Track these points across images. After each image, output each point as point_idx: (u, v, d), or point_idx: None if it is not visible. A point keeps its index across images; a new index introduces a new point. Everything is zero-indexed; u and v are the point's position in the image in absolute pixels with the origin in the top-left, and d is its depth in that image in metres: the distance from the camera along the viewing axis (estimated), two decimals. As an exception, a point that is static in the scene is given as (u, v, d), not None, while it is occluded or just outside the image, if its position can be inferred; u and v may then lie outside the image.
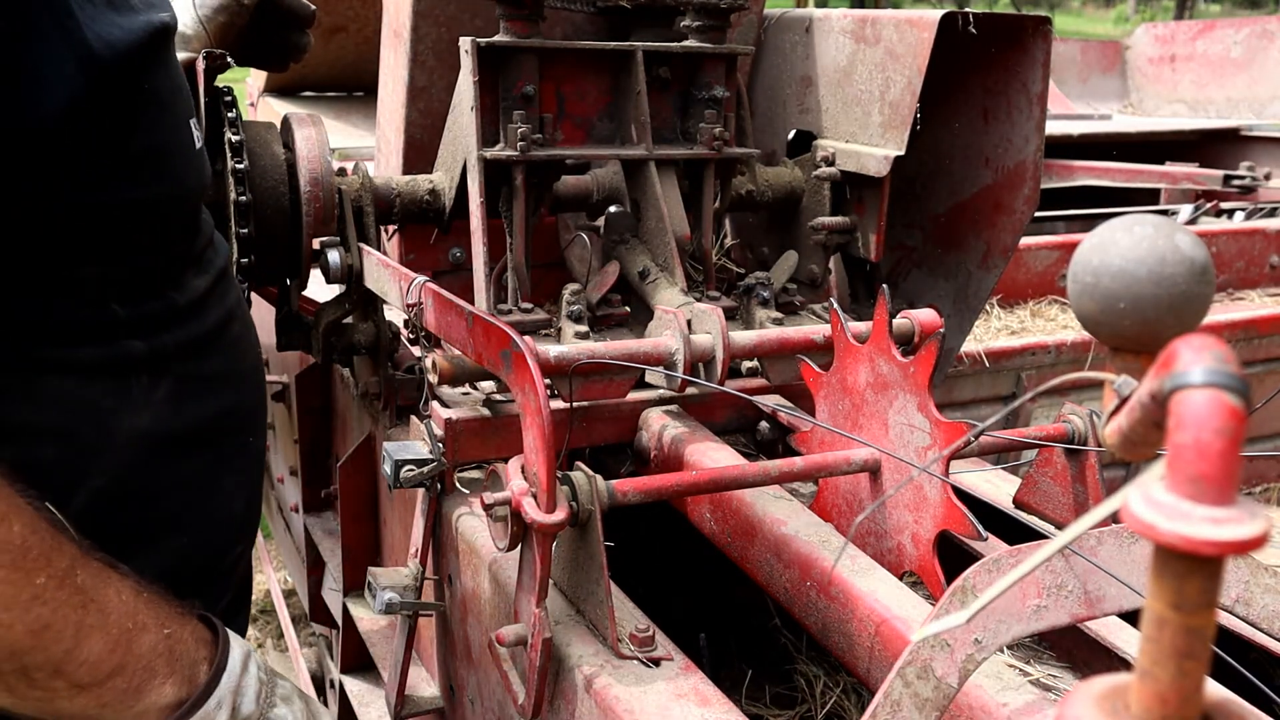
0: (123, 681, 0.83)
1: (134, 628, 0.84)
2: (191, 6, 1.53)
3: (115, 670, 0.83)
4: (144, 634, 0.85)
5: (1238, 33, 5.81)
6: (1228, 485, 0.33)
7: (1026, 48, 1.56)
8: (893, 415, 1.12)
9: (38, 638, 0.77)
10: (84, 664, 0.81)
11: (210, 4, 1.54)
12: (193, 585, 1.05)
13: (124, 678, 0.83)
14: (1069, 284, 0.69)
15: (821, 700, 1.33)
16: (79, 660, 0.80)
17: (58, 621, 0.78)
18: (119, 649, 0.82)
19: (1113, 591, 0.81)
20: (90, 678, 0.81)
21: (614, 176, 1.61)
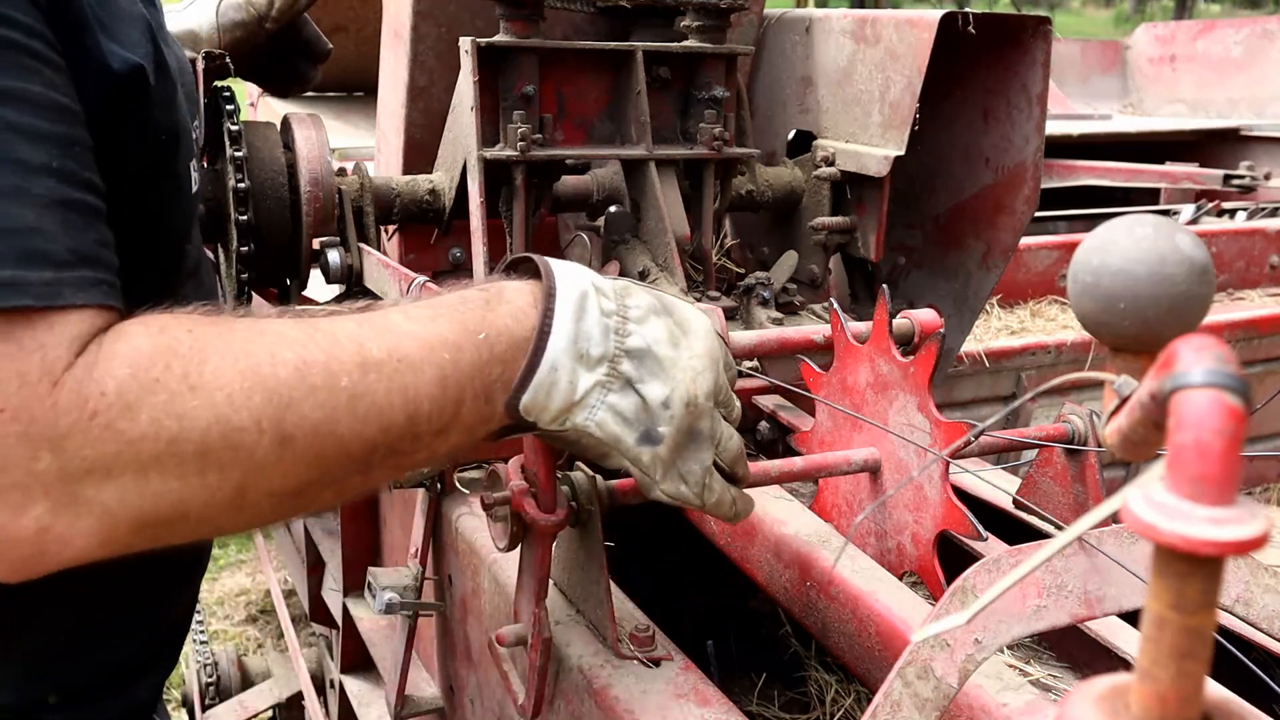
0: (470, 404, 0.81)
1: (450, 355, 0.80)
2: (214, 13, 1.54)
3: (458, 399, 0.80)
4: (461, 354, 0.80)
5: (1238, 33, 5.81)
6: (1228, 485, 0.33)
7: (1026, 48, 1.56)
8: (893, 415, 1.12)
9: (378, 425, 0.76)
10: (429, 415, 0.79)
11: (231, 16, 1.54)
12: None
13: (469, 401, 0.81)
14: (1069, 284, 0.69)
15: (832, 709, 1.33)
16: (424, 415, 0.78)
17: (383, 401, 0.76)
18: (449, 383, 0.79)
19: (1113, 591, 0.81)
20: (441, 420, 0.80)
21: (614, 176, 1.61)
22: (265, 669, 2.79)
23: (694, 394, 0.87)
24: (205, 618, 3.36)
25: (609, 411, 0.85)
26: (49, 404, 0.65)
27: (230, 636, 3.72)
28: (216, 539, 0.98)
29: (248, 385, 0.70)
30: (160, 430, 0.67)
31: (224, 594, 4.01)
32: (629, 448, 0.87)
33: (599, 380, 0.85)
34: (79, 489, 0.66)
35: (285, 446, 0.72)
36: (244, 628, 3.79)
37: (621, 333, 0.86)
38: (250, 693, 2.68)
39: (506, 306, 0.84)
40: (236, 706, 2.63)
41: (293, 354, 0.73)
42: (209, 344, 0.71)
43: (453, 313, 0.82)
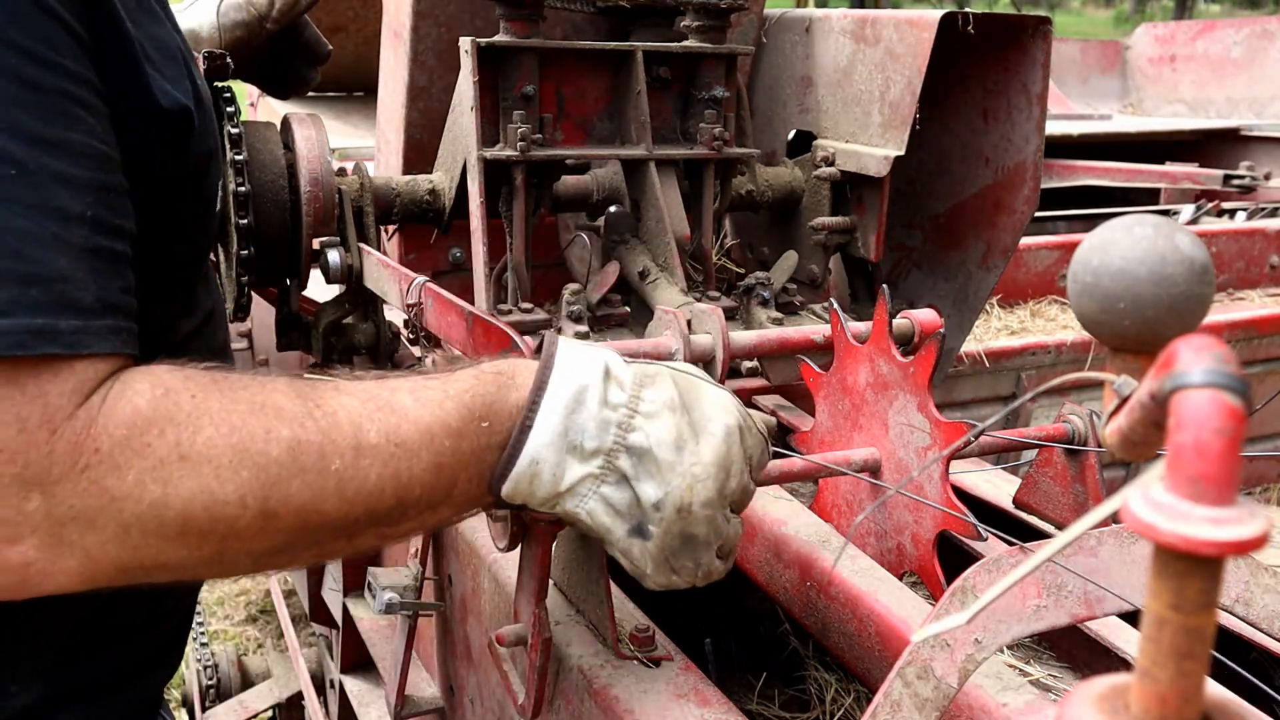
0: (464, 487, 0.83)
1: (450, 443, 0.81)
2: (214, 12, 1.54)
3: (450, 484, 0.82)
4: (461, 442, 0.82)
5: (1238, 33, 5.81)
6: (1228, 485, 0.33)
7: (1026, 48, 1.56)
8: (893, 415, 1.12)
9: (365, 506, 0.78)
10: (419, 499, 0.80)
11: (232, 16, 1.54)
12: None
13: (463, 484, 0.83)
14: (1069, 284, 0.69)
15: (832, 708, 1.33)
16: (414, 499, 0.80)
17: (373, 486, 0.78)
18: (444, 470, 0.81)
19: (1113, 592, 0.81)
20: (432, 500, 0.81)
21: (614, 176, 1.61)
22: (265, 669, 2.79)
23: (688, 501, 0.85)
24: (205, 618, 3.36)
25: (600, 502, 0.86)
26: (45, 451, 0.67)
27: (230, 636, 3.72)
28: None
29: (237, 459, 0.72)
30: (144, 493, 0.70)
31: (224, 594, 4.01)
32: (619, 539, 0.87)
33: (591, 472, 0.85)
34: (64, 532, 0.69)
35: (268, 520, 0.74)
36: (244, 628, 3.79)
37: (625, 427, 0.85)
38: (250, 693, 2.68)
39: (515, 394, 0.85)
40: (236, 706, 2.63)
41: (289, 432, 0.75)
42: (207, 413, 0.73)
43: (462, 396, 0.83)
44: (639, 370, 0.89)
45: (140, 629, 1.04)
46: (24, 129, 0.69)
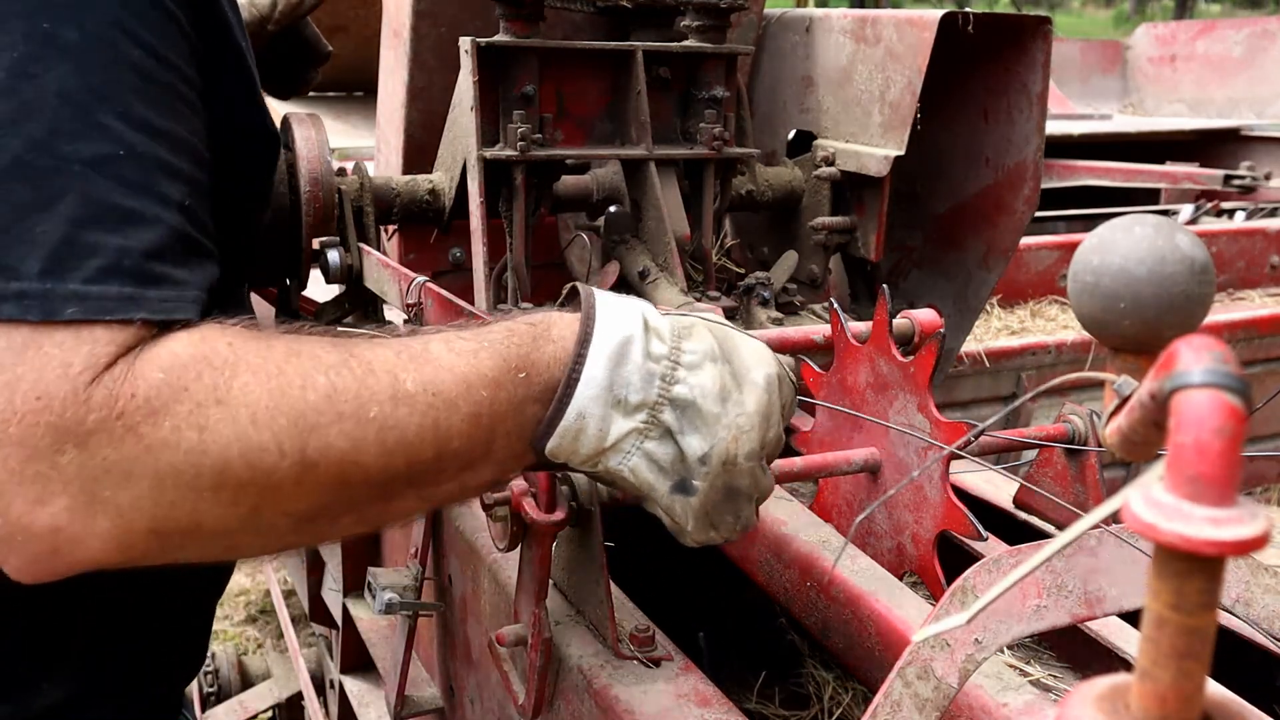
0: (503, 441, 0.81)
1: (487, 393, 0.79)
2: None
3: (489, 438, 0.80)
4: (499, 392, 0.79)
5: (1238, 33, 5.81)
6: (1228, 485, 0.33)
7: (1026, 48, 1.56)
8: (893, 415, 1.12)
9: (405, 458, 0.76)
10: (458, 452, 0.78)
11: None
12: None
13: (502, 439, 0.80)
14: (1069, 284, 0.69)
15: (831, 705, 1.33)
16: (452, 451, 0.78)
17: (413, 435, 0.75)
18: (482, 421, 0.79)
19: (1113, 591, 0.81)
20: (472, 456, 0.79)
21: (614, 176, 1.61)
22: (265, 669, 2.79)
23: (734, 453, 0.84)
24: (205, 618, 3.35)
25: (644, 458, 0.83)
26: (83, 398, 0.66)
27: (230, 636, 3.72)
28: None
29: (274, 405, 0.71)
30: (180, 439, 0.68)
31: (224, 594, 4.01)
32: (661, 495, 0.85)
33: (635, 427, 0.82)
34: (97, 488, 0.67)
35: (306, 471, 0.72)
36: (244, 628, 3.79)
37: (669, 379, 0.83)
38: (250, 693, 2.68)
39: (551, 346, 0.83)
40: (236, 706, 2.63)
41: (325, 379, 0.73)
42: (244, 359, 0.71)
43: (496, 347, 0.81)
44: (675, 321, 0.87)
45: (167, 627, 1.04)
46: (137, 115, 0.72)
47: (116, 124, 0.71)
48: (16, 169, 0.68)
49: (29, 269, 0.66)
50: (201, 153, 0.79)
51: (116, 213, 0.70)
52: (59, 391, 0.65)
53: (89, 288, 0.67)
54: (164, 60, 0.75)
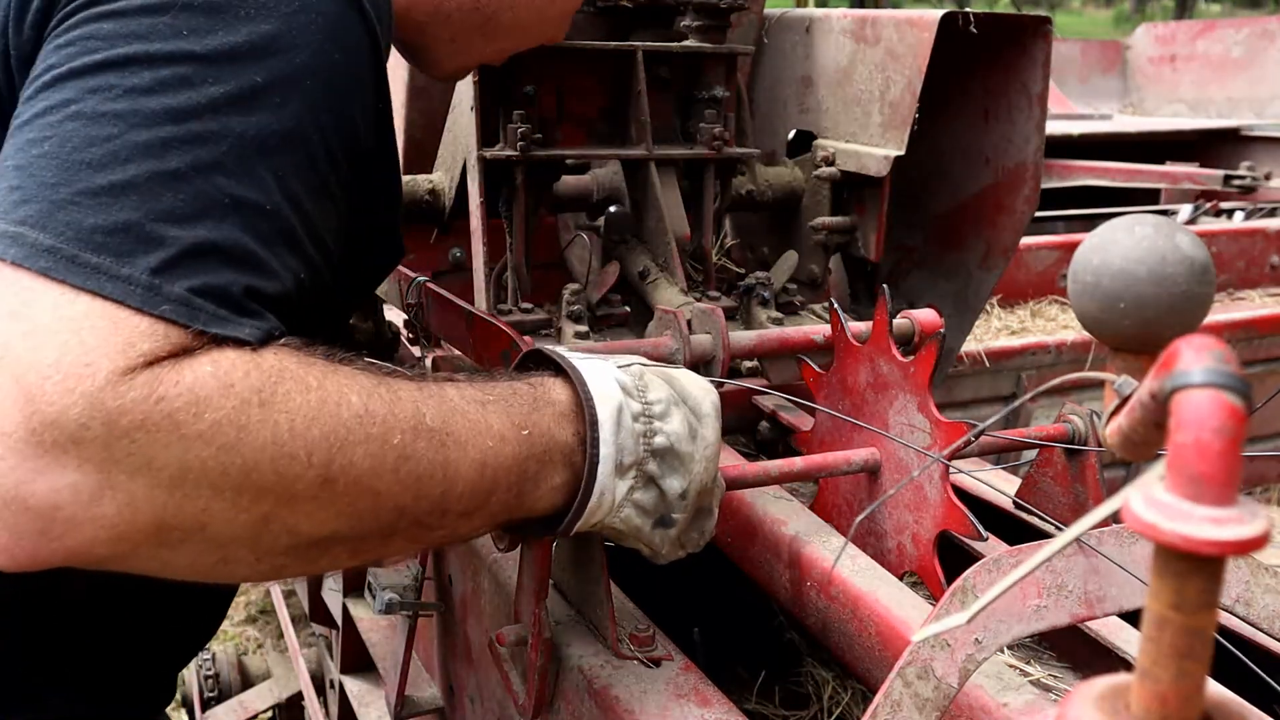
0: (502, 495, 0.84)
1: (493, 444, 0.82)
2: None
3: (490, 489, 0.83)
4: (504, 445, 0.83)
5: (1238, 33, 5.81)
6: (1228, 485, 0.33)
7: (1026, 48, 1.56)
8: (893, 415, 1.12)
9: (414, 492, 0.77)
10: (462, 495, 0.81)
11: None
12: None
13: (501, 492, 0.83)
14: (1069, 284, 0.69)
15: (830, 704, 1.33)
16: (456, 494, 0.80)
17: (425, 470, 0.77)
18: (487, 470, 0.82)
19: (1113, 591, 0.81)
20: (471, 504, 0.82)
21: (614, 176, 1.61)
22: (265, 669, 2.79)
23: (706, 482, 0.92)
24: (205, 618, 3.35)
25: (634, 508, 0.90)
26: (127, 378, 0.65)
27: (230, 636, 3.72)
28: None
29: (311, 416, 0.71)
30: (217, 435, 0.67)
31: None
32: (646, 534, 0.92)
33: (630, 485, 0.89)
34: (113, 471, 0.64)
35: (325, 487, 0.72)
36: (244, 628, 3.79)
37: (648, 434, 0.90)
38: (250, 693, 2.68)
39: (551, 409, 0.87)
40: (236, 706, 2.63)
41: (358, 399, 0.74)
42: (289, 368, 0.72)
43: (502, 403, 0.85)
44: (631, 374, 0.93)
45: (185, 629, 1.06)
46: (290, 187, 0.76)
47: (271, 183, 0.75)
48: (172, 180, 0.70)
49: (144, 262, 0.68)
50: (328, 247, 0.82)
51: (239, 250, 0.72)
52: (110, 365, 0.64)
53: (194, 298, 0.69)
54: (332, 157, 0.80)
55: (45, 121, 0.72)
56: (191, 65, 0.73)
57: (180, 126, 0.72)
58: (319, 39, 0.78)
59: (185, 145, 0.71)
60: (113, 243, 0.68)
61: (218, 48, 0.74)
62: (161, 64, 0.73)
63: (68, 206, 0.68)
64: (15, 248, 0.67)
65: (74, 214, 0.68)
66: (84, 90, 0.72)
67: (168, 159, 0.71)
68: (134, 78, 0.72)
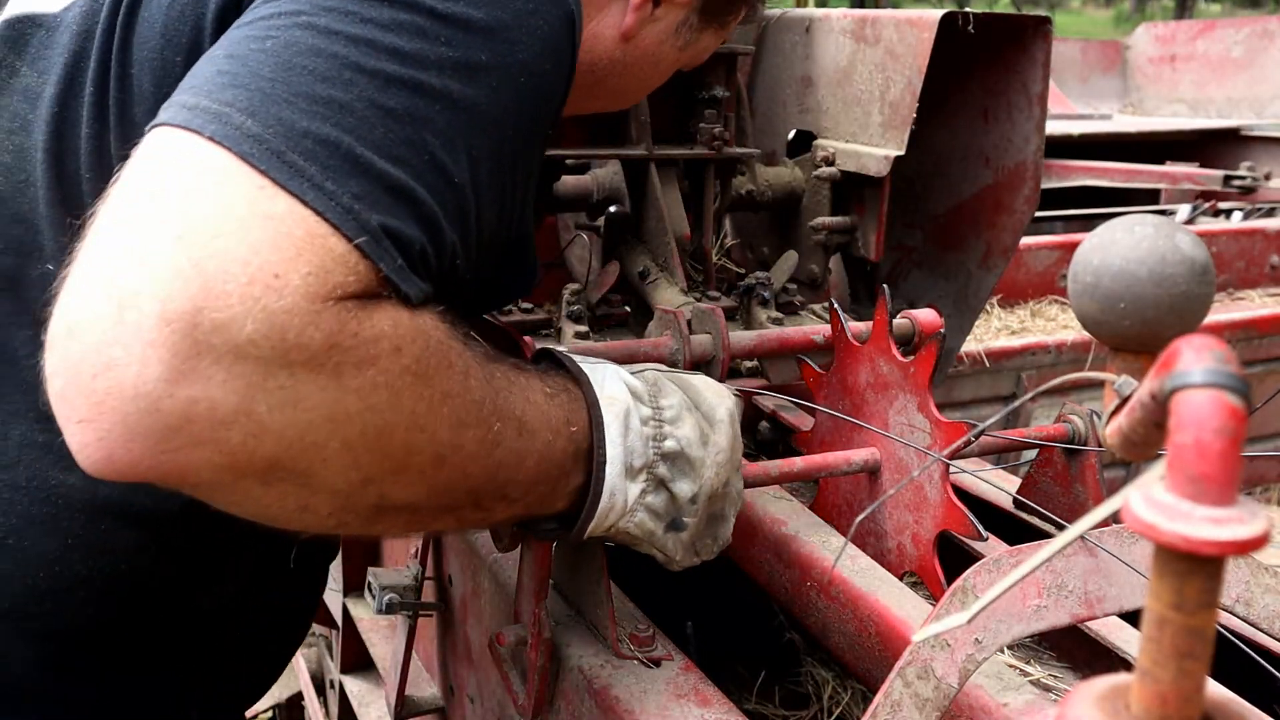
0: (544, 487, 0.84)
1: (551, 437, 0.83)
2: None
3: (540, 479, 0.83)
4: (558, 440, 0.83)
5: (1238, 33, 5.81)
6: (1228, 485, 0.33)
7: (1026, 48, 1.56)
8: (893, 415, 1.12)
9: (493, 476, 0.78)
10: (521, 483, 0.81)
11: None
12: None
13: (545, 484, 0.84)
14: (1069, 284, 0.69)
15: (830, 704, 1.33)
16: (517, 482, 0.81)
17: (507, 456, 0.78)
18: (544, 462, 0.82)
19: (1113, 591, 0.81)
20: (521, 492, 0.82)
21: (614, 176, 1.61)
22: (265, 669, 2.79)
23: (717, 487, 0.93)
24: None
25: (646, 512, 0.91)
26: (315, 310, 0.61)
27: (230, 636, 3.71)
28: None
29: (448, 395, 0.71)
30: (373, 394, 0.65)
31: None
32: (658, 538, 0.92)
33: (641, 488, 0.90)
34: (257, 398, 0.60)
35: (434, 464, 0.72)
36: (244, 628, 3.79)
37: (658, 438, 0.90)
38: (250, 693, 2.68)
39: (581, 404, 0.88)
40: (236, 706, 2.63)
41: (477, 383, 0.75)
42: (441, 341, 0.71)
43: (560, 397, 0.86)
44: (644, 379, 0.93)
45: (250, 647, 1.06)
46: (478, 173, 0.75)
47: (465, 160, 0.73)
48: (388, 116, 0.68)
49: (349, 185, 0.65)
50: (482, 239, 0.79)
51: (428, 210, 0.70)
52: (301, 287, 0.60)
53: (384, 236, 0.66)
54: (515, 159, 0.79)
55: (271, 24, 0.69)
56: (430, 19, 0.71)
57: (406, 70, 0.69)
58: (540, 45, 0.78)
59: (407, 90, 0.69)
60: (322, 153, 0.64)
61: (457, 14, 0.73)
62: (401, 7, 0.71)
63: (282, 103, 0.64)
64: (217, 124, 0.63)
65: (287, 112, 0.64)
66: (319, 8, 0.69)
67: (389, 95, 0.68)
68: (374, 9, 0.70)
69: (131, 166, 0.64)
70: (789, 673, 1.41)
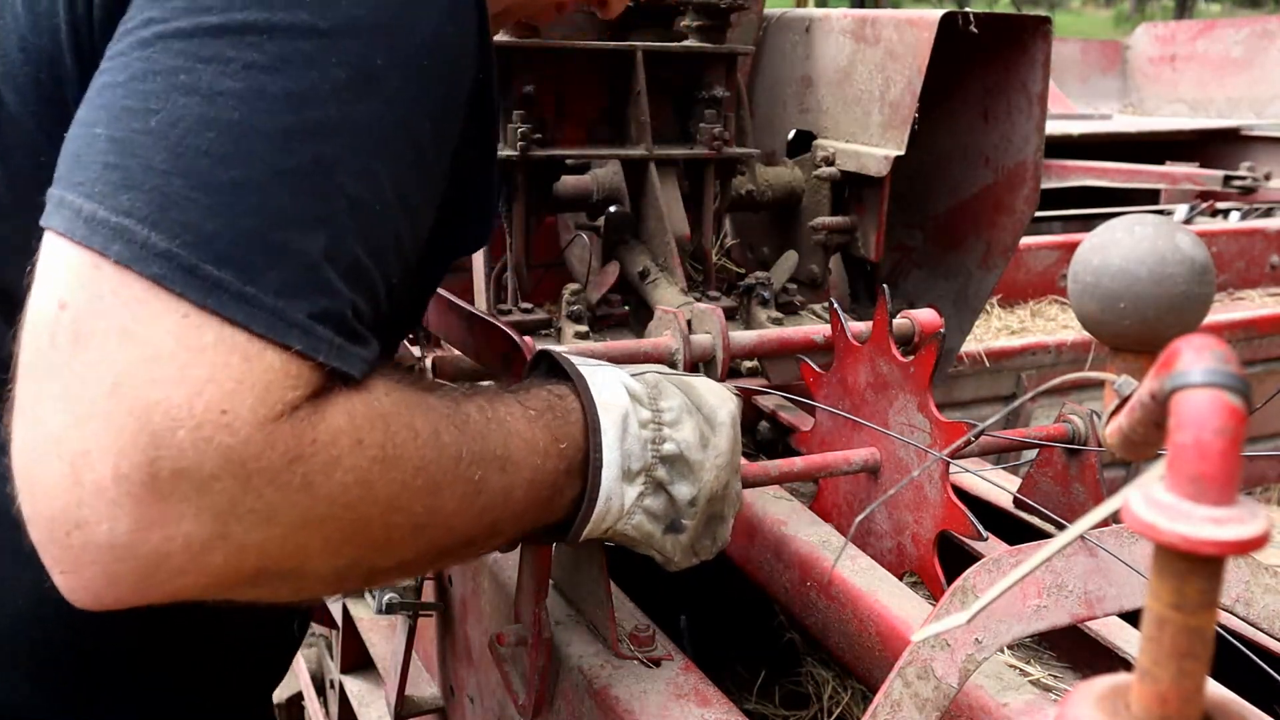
0: (538, 509, 0.84)
1: (540, 460, 0.82)
2: None
3: (533, 505, 0.83)
4: (547, 461, 0.83)
5: (1238, 33, 5.81)
6: (1228, 485, 0.33)
7: (1026, 48, 1.56)
8: (893, 415, 1.12)
9: (480, 521, 0.77)
10: (513, 515, 0.81)
11: None
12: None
13: (539, 506, 0.84)
14: (1070, 284, 0.69)
15: (830, 704, 1.33)
16: (509, 515, 0.81)
17: (493, 499, 0.77)
18: (534, 488, 0.82)
19: (1113, 591, 0.81)
20: (512, 524, 0.82)
21: (614, 176, 1.61)
22: (265, 669, 2.78)
23: (717, 490, 0.92)
24: (205, 618, 3.35)
25: (644, 514, 0.90)
26: (268, 431, 0.60)
27: (230, 636, 3.71)
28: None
29: (420, 464, 0.69)
30: (344, 494, 0.64)
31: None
32: (656, 540, 0.92)
33: (639, 491, 0.89)
34: (233, 525, 0.60)
35: (417, 531, 0.71)
36: (244, 628, 3.79)
37: (657, 440, 0.90)
38: (250, 693, 2.68)
39: (574, 416, 0.87)
40: (236, 706, 2.63)
41: (449, 437, 0.73)
42: (399, 413, 0.69)
43: (545, 417, 0.85)
44: (644, 381, 0.93)
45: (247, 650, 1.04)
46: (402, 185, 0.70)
47: (385, 180, 0.68)
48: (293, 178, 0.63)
49: (268, 280, 0.61)
50: (421, 245, 0.76)
51: (351, 262, 0.66)
52: (250, 416, 0.59)
53: (314, 325, 0.63)
54: (439, 146, 0.74)
55: (148, 89, 0.63)
56: (314, 41, 0.65)
57: (301, 115, 0.64)
58: (437, 12, 0.71)
59: (307, 138, 0.64)
60: (236, 254, 0.60)
61: (341, 22, 0.66)
62: (282, 36, 0.64)
63: (183, 204, 0.60)
64: (120, 244, 0.59)
65: (191, 214, 0.60)
66: (196, 59, 0.63)
67: (289, 153, 0.63)
68: (254, 51, 0.63)
69: (42, 296, 0.61)
70: (789, 673, 1.41)
